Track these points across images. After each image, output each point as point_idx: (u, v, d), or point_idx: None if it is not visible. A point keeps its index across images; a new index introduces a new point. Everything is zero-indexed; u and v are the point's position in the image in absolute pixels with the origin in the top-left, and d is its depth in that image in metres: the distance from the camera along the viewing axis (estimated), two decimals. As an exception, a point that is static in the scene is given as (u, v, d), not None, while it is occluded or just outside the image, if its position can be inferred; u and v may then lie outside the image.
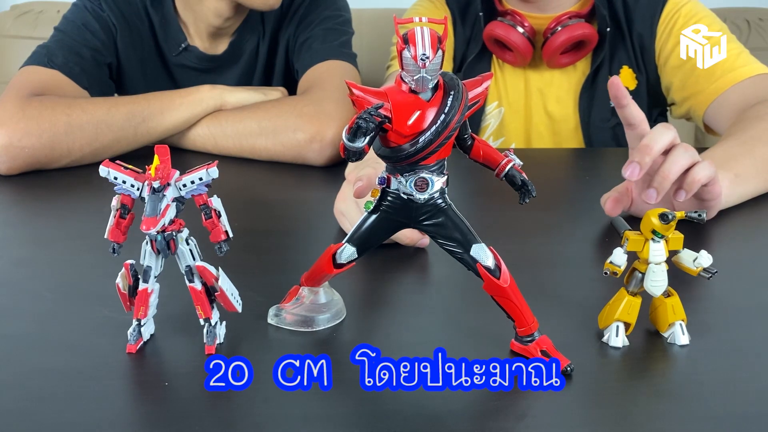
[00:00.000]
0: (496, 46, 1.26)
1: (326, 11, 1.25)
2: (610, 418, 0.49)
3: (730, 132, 1.00)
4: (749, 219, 0.87)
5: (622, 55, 1.26)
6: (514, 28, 1.22)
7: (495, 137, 1.32)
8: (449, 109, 0.50)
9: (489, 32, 1.24)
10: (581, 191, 1.04)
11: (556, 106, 1.28)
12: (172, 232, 0.54)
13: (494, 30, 1.22)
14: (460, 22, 1.30)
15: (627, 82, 1.26)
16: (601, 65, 1.25)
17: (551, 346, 0.54)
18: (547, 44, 1.22)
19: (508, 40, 1.22)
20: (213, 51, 1.26)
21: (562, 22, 1.21)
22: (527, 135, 1.31)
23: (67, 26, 1.19)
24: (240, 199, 0.92)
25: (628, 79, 1.26)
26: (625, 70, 1.26)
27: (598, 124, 1.26)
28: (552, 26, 1.22)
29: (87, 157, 1.04)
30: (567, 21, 1.21)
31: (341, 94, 1.09)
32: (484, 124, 1.31)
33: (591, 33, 1.21)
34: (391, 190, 0.53)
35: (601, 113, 1.26)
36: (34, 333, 0.59)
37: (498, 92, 1.30)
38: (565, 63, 1.25)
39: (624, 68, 1.26)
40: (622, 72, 1.26)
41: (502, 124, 1.31)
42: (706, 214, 0.56)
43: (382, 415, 0.48)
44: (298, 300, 0.60)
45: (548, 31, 1.22)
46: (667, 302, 0.57)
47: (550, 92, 1.29)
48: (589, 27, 1.21)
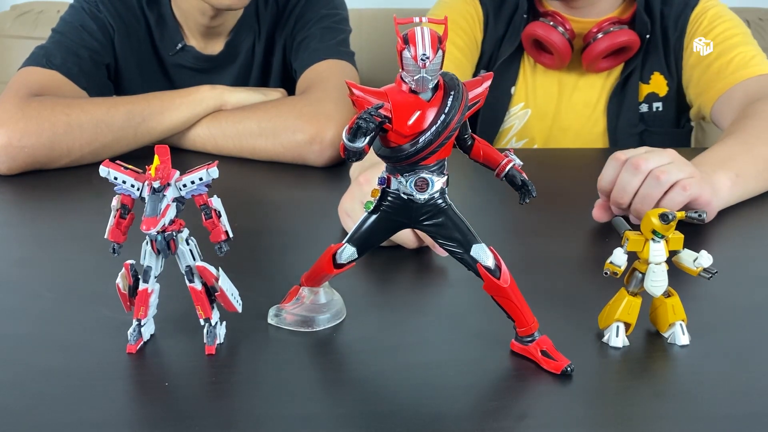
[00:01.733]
0: (534, 47, 1.24)
1: (323, 9, 1.25)
2: (610, 418, 0.49)
3: (731, 130, 1.00)
4: (749, 219, 0.87)
5: (654, 61, 1.25)
6: (555, 29, 1.20)
7: (518, 138, 1.30)
8: (449, 109, 0.50)
9: (529, 32, 1.22)
10: (581, 191, 1.04)
11: (584, 109, 1.28)
12: (172, 232, 0.54)
13: (535, 30, 1.20)
14: (493, 20, 1.28)
15: (658, 88, 1.25)
16: (633, 71, 1.24)
17: (551, 346, 0.54)
18: (588, 49, 1.21)
19: (548, 41, 1.20)
20: (209, 51, 1.26)
21: (604, 28, 1.20)
22: (553, 137, 1.30)
23: (64, 27, 1.18)
24: (240, 199, 0.92)
25: (660, 85, 1.25)
26: (656, 77, 1.26)
27: (626, 130, 1.25)
28: (594, 32, 1.20)
29: (87, 156, 1.04)
30: (609, 27, 1.20)
31: (340, 94, 1.09)
32: (507, 125, 1.30)
33: (634, 40, 1.20)
34: (391, 190, 0.53)
35: (629, 118, 1.25)
36: (34, 333, 0.59)
37: (526, 94, 1.29)
38: (604, 68, 1.24)
39: (655, 74, 1.25)
40: (654, 78, 1.26)
41: (527, 126, 1.30)
42: (706, 215, 0.56)
43: (382, 415, 0.48)
44: (298, 300, 0.60)
45: (590, 36, 1.21)
46: (667, 302, 0.57)
47: (580, 96, 1.27)
48: (632, 34, 1.20)
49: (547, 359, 0.54)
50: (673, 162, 0.79)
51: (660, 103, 1.26)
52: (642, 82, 1.26)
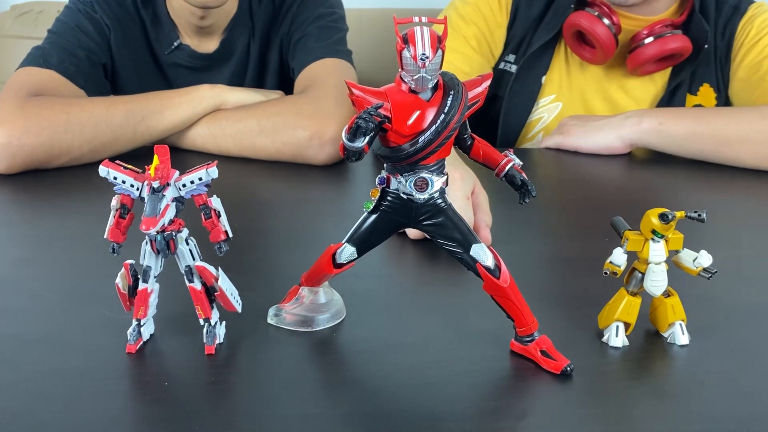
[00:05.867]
0: (575, 39, 1.15)
1: (320, 8, 1.25)
2: (610, 418, 0.49)
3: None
4: (748, 219, 0.88)
5: (704, 72, 1.17)
6: (601, 20, 1.12)
7: (545, 133, 1.22)
8: (449, 108, 0.50)
9: (573, 21, 1.13)
10: (581, 191, 1.04)
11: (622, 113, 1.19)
12: (172, 232, 0.54)
13: (579, 20, 1.12)
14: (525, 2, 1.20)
15: (706, 101, 1.18)
16: (683, 81, 1.16)
17: (551, 346, 0.54)
18: (635, 53, 1.13)
19: (593, 33, 1.11)
20: (204, 49, 1.26)
21: (656, 32, 1.12)
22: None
23: (60, 28, 1.19)
24: (240, 199, 0.92)
25: (709, 98, 1.18)
26: (705, 89, 1.18)
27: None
28: (644, 34, 1.12)
29: (86, 155, 1.04)
30: (662, 32, 1.12)
31: (340, 92, 1.09)
32: (535, 117, 1.22)
33: (686, 47, 1.12)
34: (390, 190, 0.53)
35: None
36: (34, 333, 0.59)
37: (560, 86, 1.20)
38: (649, 71, 1.16)
39: (704, 86, 1.18)
40: (702, 90, 1.18)
41: (557, 121, 1.21)
42: (706, 214, 0.55)
43: (382, 415, 0.48)
44: (298, 300, 0.60)
45: (639, 38, 1.13)
46: (667, 302, 0.57)
47: (625, 98, 1.19)
48: (685, 40, 1.12)
49: (547, 359, 0.54)
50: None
51: None
52: (690, 93, 1.18)
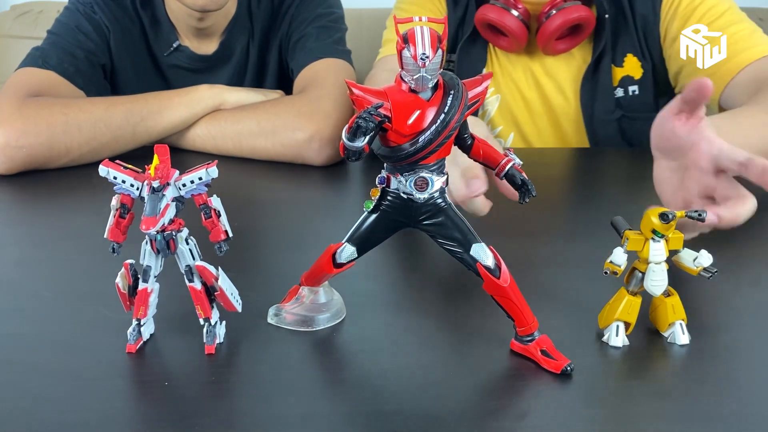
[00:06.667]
0: (489, 31, 1.19)
1: (318, 9, 1.25)
2: (610, 418, 0.49)
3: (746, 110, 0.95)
4: (749, 219, 0.87)
5: (625, 42, 1.19)
6: (507, 11, 1.15)
7: (494, 126, 1.26)
8: (449, 108, 0.49)
9: (481, 16, 1.17)
10: (581, 191, 1.04)
11: (557, 96, 1.23)
12: (172, 232, 0.54)
13: (487, 14, 1.16)
14: (452, 3, 1.24)
15: (633, 71, 1.20)
16: (603, 53, 1.18)
17: (551, 346, 0.54)
18: (541, 29, 1.15)
19: (502, 25, 1.15)
20: (203, 51, 1.26)
21: (557, 5, 1.15)
22: (527, 125, 1.26)
23: (60, 29, 1.19)
24: (240, 199, 0.92)
25: (634, 68, 1.20)
26: (629, 59, 1.20)
27: (602, 117, 1.21)
28: (546, 10, 1.15)
29: (86, 156, 1.04)
30: (562, 4, 1.15)
31: (339, 93, 1.09)
32: (480, 112, 1.25)
33: (588, 16, 1.14)
34: (390, 189, 0.53)
35: (604, 105, 1.20)
36: (34, 333, 0.59)
37: (495, 78, 1.23)
38: (561, 49, 1.19)
39: (628, 56, 1.20)
40: (627, 61, 1.20)
41: (500, 112, 1.25)
42: (706, 214, 0.55)
43: (382, 415, 0.48)
44: (298, 299, 0.60)
45: (543, 14, 1.16)
46: (667, 302, 0.57)
47: (549, 81, 1.23)
48: (585, 9, 1.14)
49: (547, 359, 0.53)
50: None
51: (636, 86, 1.21)
52: (615, 65, 1.21)
